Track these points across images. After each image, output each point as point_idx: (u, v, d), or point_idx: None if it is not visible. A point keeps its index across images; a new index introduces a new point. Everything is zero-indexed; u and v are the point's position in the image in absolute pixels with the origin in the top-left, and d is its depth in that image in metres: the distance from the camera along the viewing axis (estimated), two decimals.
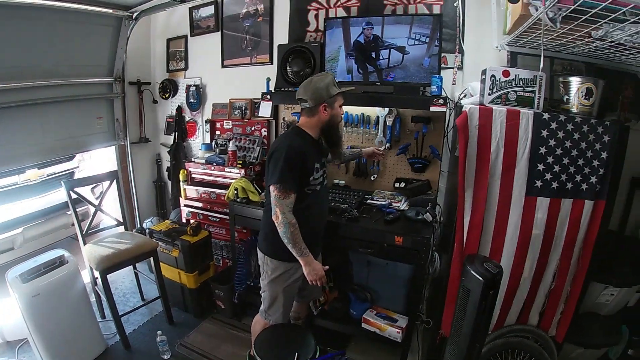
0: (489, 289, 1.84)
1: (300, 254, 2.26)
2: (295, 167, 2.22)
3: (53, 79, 3.45)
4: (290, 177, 2.21)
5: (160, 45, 4.44)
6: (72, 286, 2.95)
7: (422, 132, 3.01)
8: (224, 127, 4.01)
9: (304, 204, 2.32)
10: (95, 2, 3.41)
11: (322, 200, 2.47)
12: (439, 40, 2.75)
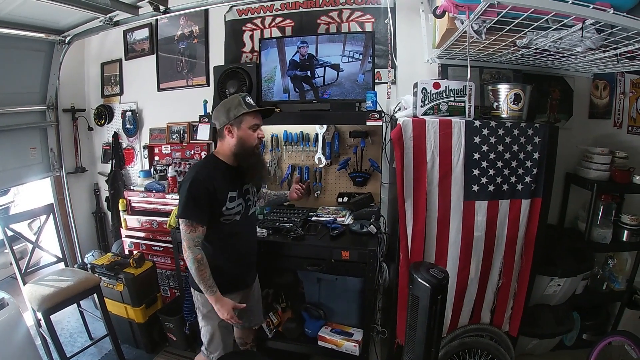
0: (436, 294, 1.88)
1: (207, 290, 2.19)
2: (200, 199, 2.14)
3: None
4: (194, 211, 2.15)
5: (94, 69, 4.33)
6: (14, 330, 2.80)
7: (360, 147, 3.07)
8: (163, 152, 3.94)
9: (221, 234, 2.27)
10: (25, 27, 3.31)
11: (244, 230, 2.37)
12: (371, 56, 2.83)
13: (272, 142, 3.38)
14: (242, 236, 2.36)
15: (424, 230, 2.36)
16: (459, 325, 2.60)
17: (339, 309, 2.97)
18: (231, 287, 2.34)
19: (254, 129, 2.22)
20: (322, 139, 3.16)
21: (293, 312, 3.19)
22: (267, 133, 3.36)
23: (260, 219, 3.07)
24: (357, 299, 2.87)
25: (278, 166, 3.43)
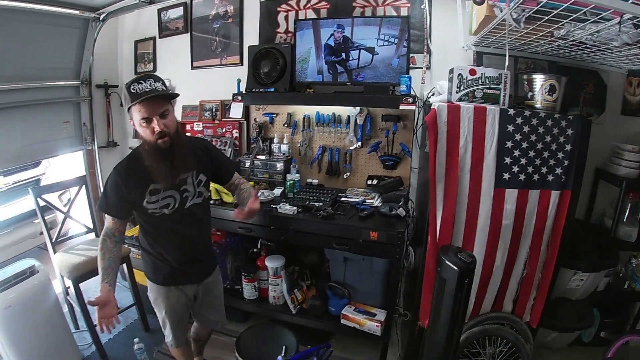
0: (464, 278, 1.91)
1: (101, 279, 2.10)
2: (111, 192, 2.07)
3: (17, 83, 3.38)
4: (105, 201, 2.11)
5: (127, 47, 4.41)
6: (44, 297, 2.90)
7: (392, 130, 3.10)
8: (195, 129, 4.02)
9: (151, 226, 2.20)
10: (60, 3, 3.36)
11: (178, 224, 2.19)
12: (407, 41, 2.84)
13: (304, 123, 3.43)
14: (176, 231, 2.21)
15: (453, 215, 2.39)
16: (481, 312, 2.63)
17: (363, 289, 3.02)
18: (167, 279, 2.30)
19: (144, 124, 1.93)
20: (354, 121, 3.20)
21: (317, 290, 3.28)
22: (299, 113, 3.44)
23: (289, 197, 3.15)
24: (382, 280, 2.91)
25: (309, 146, 3.47)
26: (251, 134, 3.71)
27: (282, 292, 3.16)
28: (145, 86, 1.89)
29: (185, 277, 2.34)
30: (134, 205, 2.09)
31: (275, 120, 3.59)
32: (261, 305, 3.29)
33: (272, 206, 2.97)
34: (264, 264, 3.18)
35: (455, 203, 2.37)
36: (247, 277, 3.24)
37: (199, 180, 2.22)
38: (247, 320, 3.58)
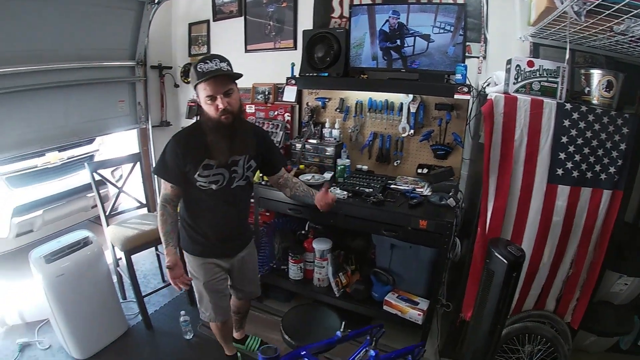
0: (512, 271, 1.95)
1: (163, 242, 2.30)
2: (170, 159, 2.20)
3: (75, 62, 3.57)
4: (163, 168, 2.24)
5: (181, 29, 4.56)
6: (96, 267, 3.10)
7: (445, 120, 3.10)
8: (247, 111, 4.12)
9: (195, 200, 2.35)
10: None
11: (220, 201, 2.34)
12: (463, 29, 2.83)
13: (356, 108, 3.47)
14: (217, 207, 2.36)
15: (504, 208, 2.41)
16: (523, 308, 2.65)
17: (408, 277, 3.08)
18: (204, 252, 2.44)
19: (208, 102, 2.11)
20: (407, 108, 3.22)
21: (361, 275, 3.36)
22: (352, 99, 3.49)
23: (339, 181, 3.24)
24: (427, 270, 2.97)
25: (360, 132, 3.52)
26: (303, 118, 3.79)
27: (327, 274, 3.26)
28: (211, 65, 2.07)
29: (220, 251, 2.48)
30: (186, 174, 2.23)
31: (328, 105, 3.66)
32: (305, 286, 3.41)
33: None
34: (311, 246, 3.29)
35: (507, 196, 2.39)
36: (294, 258, 3.36)
37: (249, 165, 2.38)
38: (289, 300, 3.71)
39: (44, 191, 4.24)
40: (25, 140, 3.42)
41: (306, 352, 1.98)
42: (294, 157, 3.66)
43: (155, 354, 3.21)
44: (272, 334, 3.26)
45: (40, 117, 3.47)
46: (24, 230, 4.10)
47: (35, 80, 3.31)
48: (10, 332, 3.44)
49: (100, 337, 3.20)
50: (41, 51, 3.28)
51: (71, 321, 2.97)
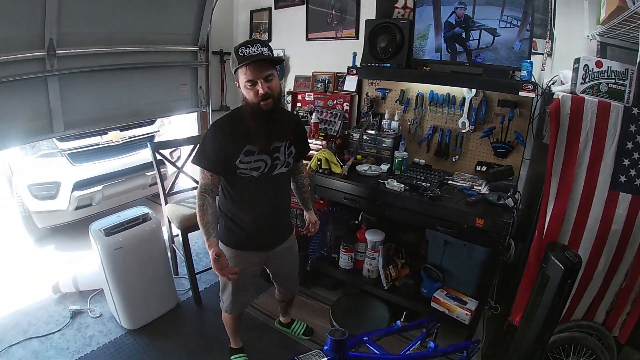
0: (568, 278, 1.94)
1: (203, 234, 2.23)
2: (211, 146, 2.20)
3: (141, 46, 3.76)
4: (204, 156, 2.22)
5: (243, 16, 4.71)
6: (152, 242, 3.30)
7: (508, 117, 3.05)
8: (306, 99, 4.24)
9: (237, 188, 2.32)
10: None
11: (263, 189, 2.33)
12: (530, 24, 2.76)
13: (417, 101, 3.47)
14: (260, 195, 2.34)
15: (563, 212, 2.37)
16: (572, 318, 2.59)
17: (458, 275, 3.09)
18: (240, 244, 2.42)
19: (249, 86, 2.09)
20: (469, 103, 3.19)
21: (411, 270, 3.39)
22: (413, 91, 3.49)
23: (396, 174, 3.27)
24: (478, 270, 2.96)
25: (419, 125, 3.52)
26: (362, 108, 3.83)
27: (378, 266, 3.33)
28: (252, 50, 2.04)
29: (257, 244, 2.47)
30: (227, 162, 2.20)
31: (388, 96, 3.68)
32: (354, 276, 3.50)
33: (380, 181, 3.10)
34: (363, 236, 3.36)
35: (567, 200, 2.35)
36: (346, 247, 3.44)
37: (290, 151, 2.36)
38: (337, 289, 3.82)
39: (105, 168, 4.52)
40: (91, 119, 3.63)
41: (368, 339, 2.05)
42: (351, 147, 3.71)
43: (202, 330, 3.38)
44: (317, 320, 3.38)
45: (105, 97, 3.68)
46: (83, 204, 4.43)
47: (104, 61, 3.51)
48: (63, 299, 3.72)
49: (151, 309, 3.40)
50: (110, 34, 3.48)
51: (124, 292, 3.17)
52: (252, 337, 3.19)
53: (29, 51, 2.98)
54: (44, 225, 4.51)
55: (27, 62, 2.98)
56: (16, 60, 2.91)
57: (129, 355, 3.07)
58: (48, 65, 3.09)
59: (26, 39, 2.93)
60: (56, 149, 4.22)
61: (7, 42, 2.83)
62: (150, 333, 3.29)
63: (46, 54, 3.05)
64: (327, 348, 1.52)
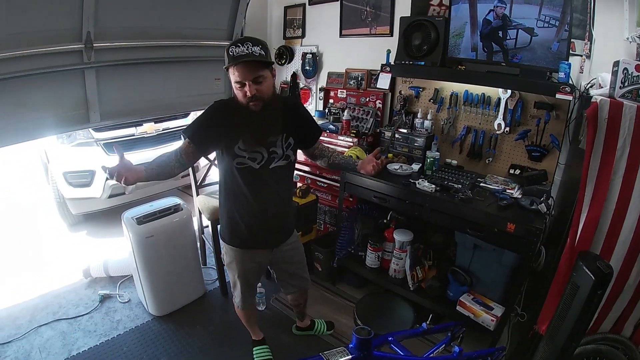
0: (598, 288, 1.89)
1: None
2: (204, 120, 2.18)
3: (176, 40, 3.81)
4: (192, 127, 2.18)
5: (277, 12, 4.73)
6: (183, 232, 3.40)
7: (544, 120, 2.99)
8: (338, 96, 4.26)
9: (235, 181, 2.27)
10: None
11: (262, 182, 2.28)
12: (569, 24, 2.68)
13: (451, 100, 3.43)
14: (257, 191, 2.29)
15: (597, 221, 2.31)
16: (599, 330, 2.53)
17: (486, 280, 3.06)
18: (243, 243, 2.41)
19: (238, 87, 2.07)
20: (504, 104, 3.13)
21: (438, 272, 3.38)
22: (447, 90, 3.45)
23: (427, 174, 3.25)
24: (507, 275, 2.93)
25: (453, 125, 3.47)
26: (395, 106, 3.82)
27: (405, 266, 3.32)
28: (242, 50, 1.99)
29: (259, 242, 2.46)
30: (226, 142, 2.17)
31: (421, 94, 3.65)
32: (380, 275, 3.51)
33: (411, 181, 3.09)
34: (391, 236, 3.36)
35: (602, 208, 2.29)
36: (373, 245, 3.45)
37: (288, 143, 2.30)
38: (362, 287, 3.84)
39: (138, 158, 4.56)
40: (126, 110, 3.72)
41: (393, 339, 2.05)
42: (382, 145, 3.71)
43: (227, 320, 3.44)
44: (340, 317, 3.42)
45: (141, 90, 3.75)
46: (117, 192, 4.60)
47: (139, 55, 3.57)
48: (93, 283, 3.90)
49: (178, 297, 3.52)
50: (146, 28, 3.53)
51: (153, 279, 3.29)
52: (275, 331, 3.25)
53: (67, 44, 3.06)
54: (77, 211, 4.71)
55: (65, 54, 3.07)
56: (55, 52, 3.00)
57: (155, 341, 3.18)
58: (85, 58, 3.17)
59: (64, 32, 3.01)
60: (92, 139, 4.39)
61: (47, 34, 2.92)
62: (176, 320, 3.40)
63: (84, 47, 3.13)
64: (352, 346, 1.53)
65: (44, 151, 4.73)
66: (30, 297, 3.68)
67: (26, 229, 5.12)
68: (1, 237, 4.89)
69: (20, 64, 2.85)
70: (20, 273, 4.09)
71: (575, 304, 1.99)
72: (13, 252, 4.54)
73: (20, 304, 3.60)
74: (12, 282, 3.93)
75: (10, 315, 3.45)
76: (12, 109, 2.93)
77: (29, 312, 3.49)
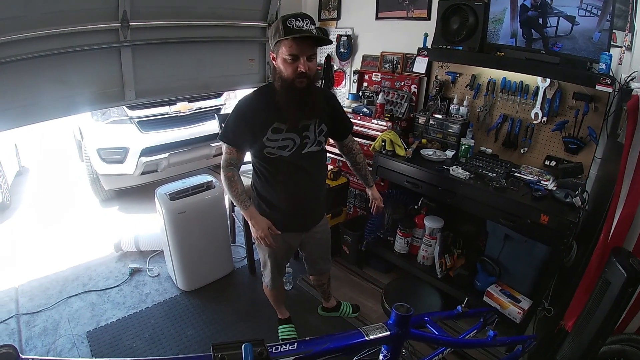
0: (630, 285, 1.89)
1: (240, 205, 2.29)
2: (237, 121, 2.21)
3: (211, 20, 3.91)
4: (231, 133, 2.23)
5: None
6: (214, 209, 3.53)
7: (582, 111, 2.95)
8: (373, 79, 4.28)
9: (269, 168, 2.32)
10: None
11: (295, 168, 2.32)
12: (611, 14, 2.60)
13: (488, 87, 3.40)
14: (290, 176, 2.34)
15: (632, 217, 2.29)
16: (625, 330, 2.49)
17: (515, 272, 3.07)
18: (279, 225, 2.38)
19: (289, 61, 2.05)
20: (542, 93, 3.09)
21: (466, 261, 3.41)
22: (484, 76, 3.43)
23: (462, 161, 3.27)
24: (536, 268, 2.92)
25: (489, 113, 3.44)
26: (430, 91, 3.82)
27: (434, 253, 3.37)
28: (302, 25, 2.01)
29: (291, 225, 2.50)
30: (254, 138, 2.22)
31: (458, 80, 3.63)
32: (408, 261, 3.57)
33: (444, 167, 3.12)
34: (422, 222, 3.41)
35: (637, 204, 2.27)
36: (403, 231, 3.51)
37: (320, 129, 2.35)
38: (388, 272, 3.91)
39: (171, 137, 4.82)
40: (161, 89, 3.85)
41: (429, 319, 2.09)
42: (416, 130, 3.73)
43: (253, 297, 3.55)
44: (366, 301, 3.50)
45: (175, 69, 3.87)
46: (149, 169, 4.79)
47: (174, 34, 3.69)
48: (123, 257, 4.07)
49: (207, 273, 3.65)
50: (181, 8, 3.63)
51: (184, 255, 3.42)
52: (300, 311, 3.35)
53: (104, 22, 3.19)
54: (110, 187, 4.91)
55: (102, 32, 3.21)
56: (92, 30, 3.14)
57: (182, 315, 3.31)
58: (121, 36, 3.30)
59: (101, 11, 3.14)
60: (126, 117, 4.55)
61: (84, 13, 3.05)
62: (204, 296, 3.53)
63: (120, 25, 3.25)
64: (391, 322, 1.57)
65: (78, 128, 4.91)
66: (61, 269, 3.86)
67: (59, 202, 5.34)
68: (35, 209, 5.14)
69: (59, 42, 2.98)
70: (51, 245, 4.28)
71: (604, 301, 2.00)
72: (46, 224, 4.76)
73: (50, 275, 3.78)
74: (43, 253, 4.12)
75: (41, 285, 3.63)
76: (53, 85, 3.08)
77: (60, 283, 3.67)
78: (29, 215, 5.07)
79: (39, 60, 2.95)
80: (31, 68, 2.96)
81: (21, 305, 3.38)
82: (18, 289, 3.59)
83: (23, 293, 3.53)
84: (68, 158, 6.82)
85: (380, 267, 3.91)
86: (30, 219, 4.95)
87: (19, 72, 2.92)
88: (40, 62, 2.97)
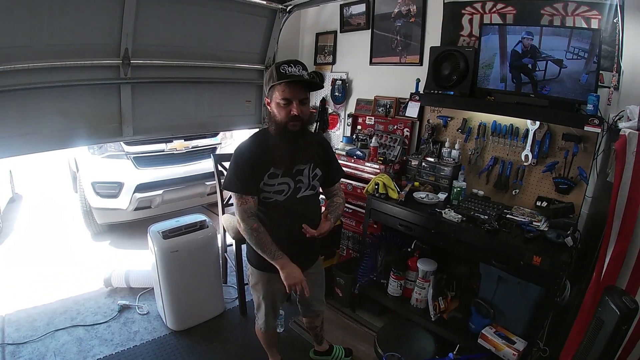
0: (623, 324, 1.87)
1: (272, 257, 2.24)
2: (242, 170, 2.19)
3: (210, 61, 4.00)
4: (238, 181, 2.20)
5: (309, 38, 4.88)
6: (207, 249, 3.49)
7: (572, 152, 2.98)
8: (366, 122, 4.33)
9: (264, 212, 2.31)
10: None
11: (290, 213, 2.33)
12: (597, 56, 2.67)
13: (479, 130, 3.43)
14: (285, 220, 2.33)
15: (624, 255, 2.30)
16: None
17: (509, 313, 3.02)
18: (269, 267, 2.33)
19: (282, 105, 2.13)
20: (532, 136, 3.12)
21: (460, 303, 3.36)
22: (475, 120, 3.47)
23: (454, 204, 3.27)
24: (530, 309, 2.89)
25: (480, 156, 3.47)
26: (422, 135, 3.85)
27: (427, 296, 3.31)
28: (295, 70, 2.11)
29: None
30: (257, 182, 2.21)
31: (449, 124, 3.67)
32: (402, 304, 3.50)
33: (437, 210, 3.12)
34: (415, 265, 3.37)
35: (629, 242, 2.28)
36: (396, 274, 3.46)
37: (314, 173, 2.38)
38: (382, 315, 3.83)
39: (167, 174, 4.86)
40: (158, 126, 3.91)
41: None
42: (409, 173, 3.76)
43: (244, 340, 3.46)
44: (359, 344, 3.40)
45: (174, 107, 3.93)
46: (143, 205, 4.77)
47: (174, 74, 3.77)
48: (113, 293, 3.99)
49: (198, 313, 3.57)
50: (182, 48, 3.73)
51: (174, 294, 3.35)
52: (292, 354, 3.26)
53: (105, 58, 3.27)
54: (103, 221, 4.88)
55: (103, 68, 3.27)
56: (93, 65, 3.20)
57: (171, 355, 3.23)
58: (122, 73, 3.36)
59: (104, 47, 3.22)
60: (122, 152, 4.59)
61: (87, 48, 3.12)
62: (194, 336, 3.45)
63: (121, 62, 3.32)
64: None
65: (74, 159, 4.93)
66: (50, 301, 3.80)
67: (51, 233, 5.31)
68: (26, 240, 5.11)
69: (62, 74, 3.05)
70: (41, 276, 4.24)
71: (599, 339, 1.97)
72: (36, 254, 4.73)
73: (39, 306, 3.72)
74: (32, 283, 4.08)
75: (28, 316, 3.56)
76: (53, 117, 3.13)
77: (47, 315, 3.60)
78: (20, 243, 5.04)
79: (42, 91, 3.01)
80: (34, 98, 3.02)
81: (7, 335, 3.32)
82: (5, 318, 3.53)
83: (9, 322, 3.47)
84: (62, 188, 6.84)
85: (374, 310, 3.83)
86: (20, 247, 4.92)
87: (22, 102, 2.98)
88: (43, 93, 3.03)
